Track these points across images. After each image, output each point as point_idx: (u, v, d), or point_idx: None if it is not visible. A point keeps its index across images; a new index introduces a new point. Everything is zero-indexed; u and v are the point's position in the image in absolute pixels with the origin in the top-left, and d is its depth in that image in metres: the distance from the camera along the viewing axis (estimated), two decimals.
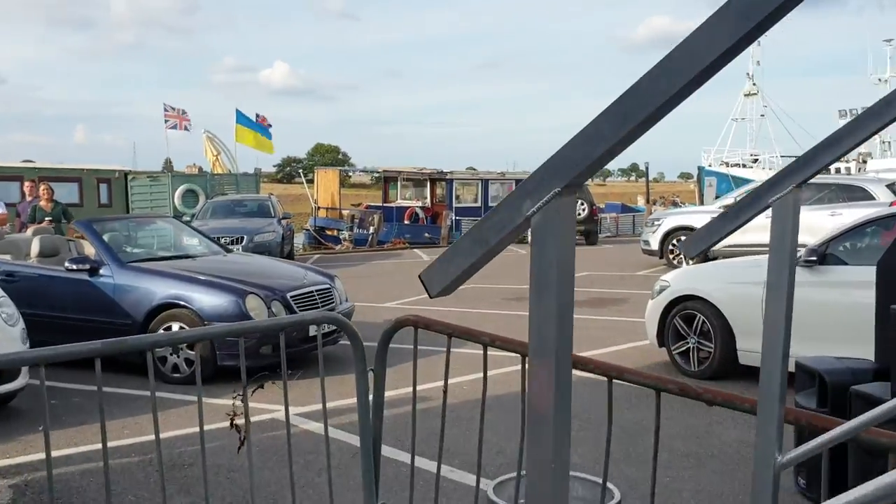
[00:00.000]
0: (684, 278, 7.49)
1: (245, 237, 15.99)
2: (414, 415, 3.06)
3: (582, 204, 23.87)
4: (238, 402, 2.82)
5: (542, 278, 1.14)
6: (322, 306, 7.95)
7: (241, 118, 29.54)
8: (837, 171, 32.46)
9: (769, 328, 1.72)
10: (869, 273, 5.84)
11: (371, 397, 3.04)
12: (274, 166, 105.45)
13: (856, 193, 13.09)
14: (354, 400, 6.50)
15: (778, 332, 1.71)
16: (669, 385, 2.30)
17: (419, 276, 1.26)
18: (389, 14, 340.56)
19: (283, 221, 18.54)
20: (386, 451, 3.43)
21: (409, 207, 28.55)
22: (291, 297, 7.71)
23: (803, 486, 4.27)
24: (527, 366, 1.16)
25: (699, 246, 1.88)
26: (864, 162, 35.10)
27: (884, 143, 42.04)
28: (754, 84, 47.29)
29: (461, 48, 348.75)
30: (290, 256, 17.90)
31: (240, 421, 3.21)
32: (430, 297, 1.28)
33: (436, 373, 6.25)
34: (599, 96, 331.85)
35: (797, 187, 1.71)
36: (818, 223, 10.98)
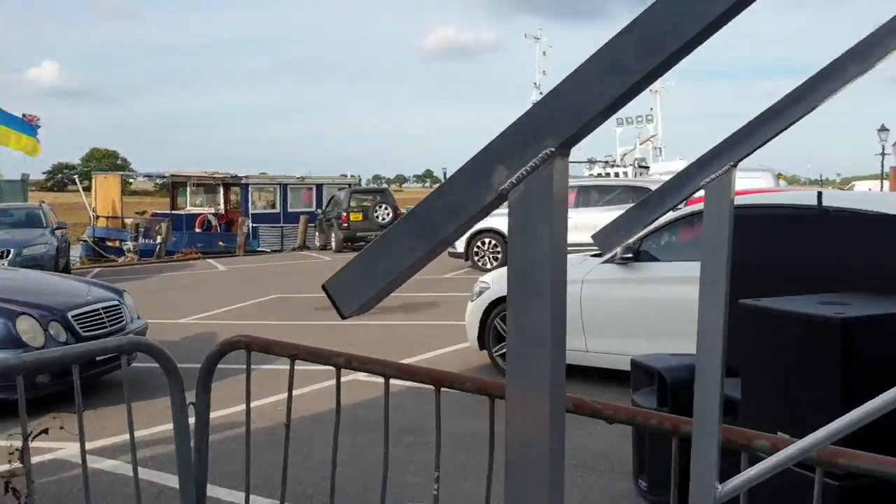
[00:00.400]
0: (505, 279, 7.39)
1: (12, 250, 14.46)
2: (248, 450, 2.57)
3: (386, 208, 23.71)
4: (16, 461, 2.19)
5: (529, 276, 0.79)
6: (110, 326, 7.07)
7: (4, 117, 26.57)
8: (616, 175, 34.75)
9: (704, 335, 1.45)
10: (679, 269, 6.03)
11: (192, 433, 2.52)
12: (43, 173, 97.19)
13: (644, 194, 13.89)
14: (153, 430, 5.73)
15: (715, 341, 1.45)
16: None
17: (323, 287, 0.85)
18: (171, 12, 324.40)
19: (58, 232, 17.06)
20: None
21: (201, 214, 27.09)
22: (73, 316, 6.78)
23: (645, 489, 4.20)
24: (506, 397, 0.78)
25: (616, 239, 1.60)
26: (642, 167, 37.84)
27: (656, 149, 45.69)
28: (541, 92, 49.76)
29: (249, 51, 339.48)
30: (66, 270, 16.46)
31: (14, 465, 2.59)
32: (343, 318, 0.86)
33: (254, 391, 5.69)
34: (390, 104, 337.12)
35: (733, 166, 1.47)
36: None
